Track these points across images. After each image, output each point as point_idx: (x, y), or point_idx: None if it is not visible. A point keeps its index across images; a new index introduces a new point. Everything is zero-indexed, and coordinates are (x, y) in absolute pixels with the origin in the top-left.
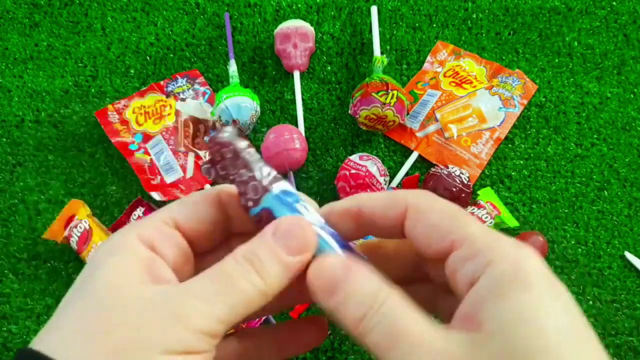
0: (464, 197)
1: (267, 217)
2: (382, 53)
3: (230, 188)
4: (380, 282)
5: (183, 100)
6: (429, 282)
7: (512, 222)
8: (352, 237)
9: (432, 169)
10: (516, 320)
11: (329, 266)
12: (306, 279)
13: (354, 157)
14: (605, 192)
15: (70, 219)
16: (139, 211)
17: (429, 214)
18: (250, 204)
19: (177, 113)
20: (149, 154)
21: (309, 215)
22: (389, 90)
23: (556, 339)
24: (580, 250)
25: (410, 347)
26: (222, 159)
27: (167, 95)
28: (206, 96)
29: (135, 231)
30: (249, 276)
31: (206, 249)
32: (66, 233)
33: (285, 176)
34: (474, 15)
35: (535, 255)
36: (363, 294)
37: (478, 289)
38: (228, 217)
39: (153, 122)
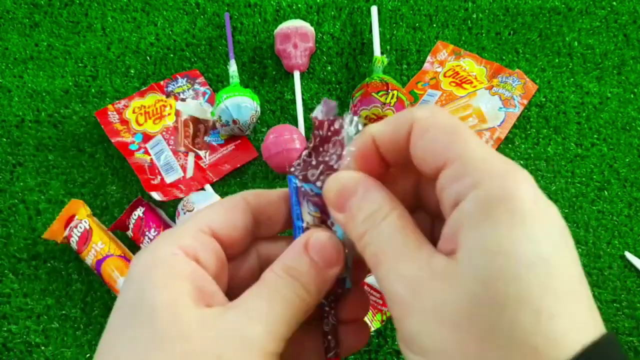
0: None
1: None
2: (382, 53)
3: (257, 194)
4: (384, 199)
5: (183, 100)
6: (429, 210)
7: None
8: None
9: None
10: (496, 247)
11: (342, 179)
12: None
13: None
14: (605, 192)
15: (70, 219)
16: (139, 211)
17: (430, 129)
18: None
19: (177, 113)
20: (149, 154)
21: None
22: (389, 90)
23: (537, 288)
24: (580, 250)
25: (389, 269)
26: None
27: (167, 95)
28: (206, 96)
29: (176, 241)
30: (297, 291)
31: (237, 255)
32: (66, 233)
33: (285, 176)
34: (474, 15)
35: (527, 179)
36: (368, 209)
37: (460, 212)
38: (256, 222)
39: (153, 122)
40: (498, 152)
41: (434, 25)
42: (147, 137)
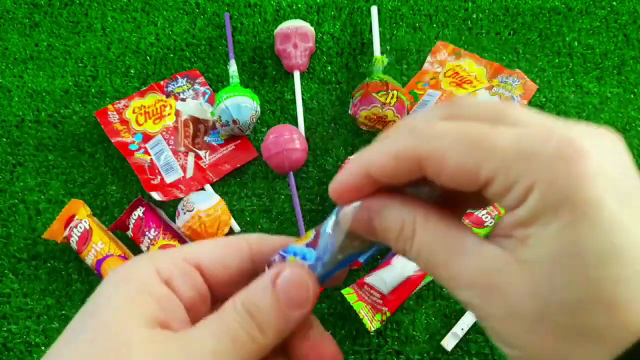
0: None
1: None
2: (382, 53)
3: (261, 237)
4: (402, 209)
5: (183, 100)
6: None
7: None
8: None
9: None
10: (563, 247)
11: (348, 213)
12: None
13: (354, 157)
14: None
15: (70, 219)
16: (139, 211)
17: (447, 158)
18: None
19: (177, 113)
20: (149, 154)
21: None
22: (389, 90)
23: (610, 270)
24: None
25: (456, 287)
26: None
27: (167, 95)
28: (206, 96)
29: (154, 262)
30: (252, 331)
31: (226, 294)
32: (66, 233)
33: (285, 176)
34: (474, 15)
35: (586, 154)
36: (394, 228)
37: (520, 212)
38: (254, 268)
39: (153, 122)
40: (537, 121)
41: (434, 25)
42: (147, 137)
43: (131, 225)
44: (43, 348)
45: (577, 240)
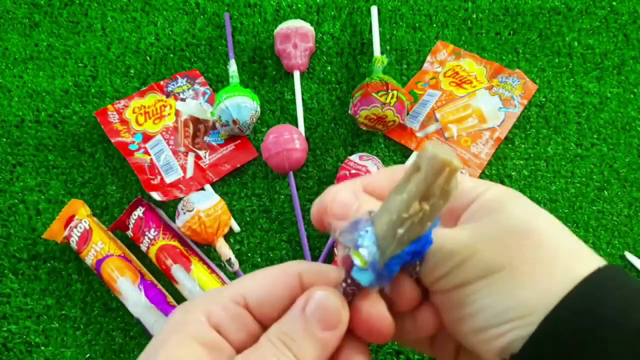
0: None
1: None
2: (382, 53)
3: (313, 268)
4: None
5: (183, 100)
6: None
7: None
8: None
9: None
10: (508, 218)
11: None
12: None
13: (354, 157)
14: (605, 192)
15: (70, 219)
16: (139, 211)
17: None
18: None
19: (177, 113)
20: (149, 154)
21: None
22: (389, 90)
23: (546, 229)
24: None
25: (439, 255)
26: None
27: (167, 95)
28: (206, 96)
29: (203, 308)
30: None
31: None
32: (66, 233)
33: (285, 176)
34: (474, 15)
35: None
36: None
37: (474, 205)
38: None
39: (153, 122)
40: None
41: (434, 25)
42: (147, 137)
43: (131, 225)
44: (43, 348)
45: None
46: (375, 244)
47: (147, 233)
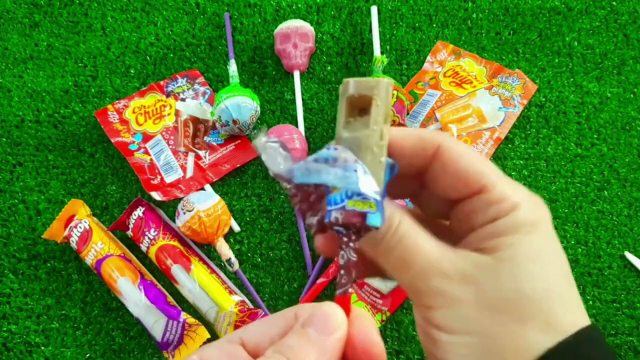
0: None
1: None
2: (382, 53)
3: (310, 305)
4: (392, 205)
5: (183, 100)
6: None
7: None
8: None
9: None
10: (526, 254)
11: None
12: None
13: None
14: (605, 192)
15: (70, 219)
16: (139, 211)
17: (460, 158)
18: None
19: (177, 113)
20: (149, 154)
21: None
22: None
23: (555, 284)
24: (580, 250)
25: (423, 269)
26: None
27: (167, 95)
28: (206, 96)
29: (202, 351)
30: None
31: None
32: (66, 233)
33: None
34: (474, 15)
35: (545, 206)
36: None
37: (498, 226)
38: None
39: (153, 122)
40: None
41: (434, 25)
42: (147, 137)
43: (131, 225)
44: (43, 348)
45: (551, 248)
46: (374, 182)
47: (147, 233)
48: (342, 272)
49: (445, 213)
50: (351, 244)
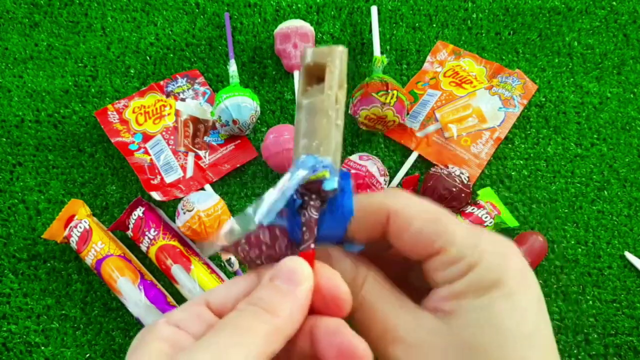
0: (464, 197)
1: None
2: (382, 53)
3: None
4: (358, 264)
5: (183, 100)
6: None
7: (512, 222)
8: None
9: (432, 169)
10: (487, 320)
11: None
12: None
13: (354, 157)
14: (605, 192)
15: (70, 219)
16: (139, 211)
17: (412, 221)
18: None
19: (177, 113)
20: (149, 154)
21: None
22: (389, 90)
23: (521, 351)
24: (580, 250)
25: (379, 336)
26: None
27: (167, 95)
28: (206, 96)
29: (165, 316)
30: (260, 317)
31: None
32: (66, 233)
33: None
34: (474, 15)
35: (515, 254)
36: (347, 277)
37: (455, 288)
38: None
39: (153, 122)
40: (480, 229)
41: (434, 25)
42: (147, 137)
43: (131, 225)
44: (43, 348)
45: (498, 315)
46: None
47: (147, 233)
48: (304, 229)
49: (413, 268)
50: (312, 203)
